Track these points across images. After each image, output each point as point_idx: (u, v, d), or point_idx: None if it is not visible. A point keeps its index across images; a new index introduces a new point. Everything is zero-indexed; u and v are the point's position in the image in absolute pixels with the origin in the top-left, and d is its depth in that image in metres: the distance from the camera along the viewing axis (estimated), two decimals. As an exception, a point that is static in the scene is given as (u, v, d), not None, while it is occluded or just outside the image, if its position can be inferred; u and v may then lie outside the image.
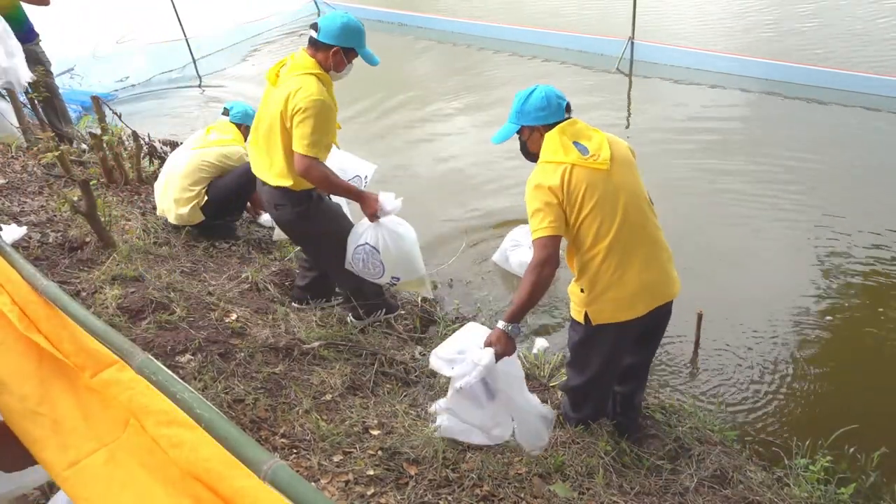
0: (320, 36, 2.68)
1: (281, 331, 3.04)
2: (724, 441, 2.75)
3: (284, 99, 2.62)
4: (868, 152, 5.21)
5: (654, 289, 2.31)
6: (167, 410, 0.87)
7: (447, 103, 6.81)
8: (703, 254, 4.16)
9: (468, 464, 2.38)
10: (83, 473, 0.89)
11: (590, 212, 2.19)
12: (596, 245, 2.22)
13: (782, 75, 6.43)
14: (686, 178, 5.02)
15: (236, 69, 8.53)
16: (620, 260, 2.24)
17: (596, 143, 2.27)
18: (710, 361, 3.34)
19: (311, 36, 2.72)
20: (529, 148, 2.36)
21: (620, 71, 7.15)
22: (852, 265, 3.91)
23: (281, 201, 2.90)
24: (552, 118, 2.28)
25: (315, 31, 2.70)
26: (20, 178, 4.15)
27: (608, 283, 2.26)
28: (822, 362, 3.29)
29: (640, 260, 2.27)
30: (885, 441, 2.70)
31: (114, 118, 4.93)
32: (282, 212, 2.95)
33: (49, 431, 0.96)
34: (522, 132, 2.34)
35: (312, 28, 2.72)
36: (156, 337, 2.71)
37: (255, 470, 0.75)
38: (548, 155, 2.24)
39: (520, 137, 2.36)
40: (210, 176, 3.82)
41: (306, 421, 2.48)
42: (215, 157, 3.81)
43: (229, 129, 3.97)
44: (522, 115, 2.30)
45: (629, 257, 2.25)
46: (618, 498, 2.32)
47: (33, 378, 1.04)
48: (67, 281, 3.04)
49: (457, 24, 9.07)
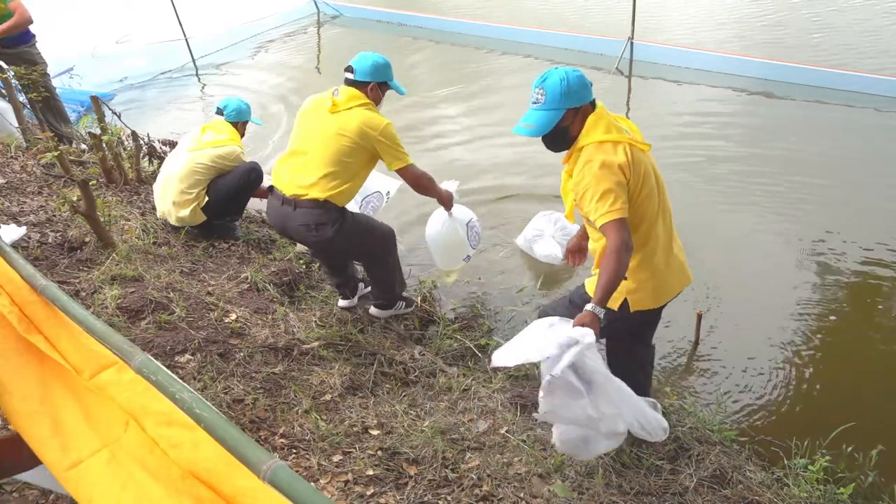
0: (357, 76, 2.97)
1: (280, 331, 3.04)
2: (724, 441, 2.75)
3: (356, 126, 2.88)
4: (868, 152, 5.21)
5: (683, 275, 2.40)
6: (167, 411, 0.88)
7: (447, 103, 6.81)
8: (702, 254, 4.16)
9: (468, 464, 2.39)
10: (85, 474, 0.90)
11: (647, 194, 2.17)
12: (650, 229, 2.21)
13: (782, 75, 6.44)
14: (685, 178, 5.02)
15: (236, 69, 8.53)
16: (665, 244, 2.28)
17: (626, 125, 2.25)
18: (710, 361, 3.34)
19: (347, 77, 3.00)
20: (572, 132, 2.18)
21: (620, 71, 7.16)
22: (852, 265, 3.91)
23: (321, 219, 2.93)
24: (591, 96, 2.19)
25: (351, 73, 2.99)
26: (19, 177, 4.15)
27: (656, 268, 2.26)
28: (821, 362, 3.29)
29: (676, 245, 2.38)
30: (883, 441, 2.70)
31: (113, 118, 4.94)
32: (322, 231, 2.95)
33: (50, 432, 0.96)
34: (566, 116, 2.15)
35: (348, 71, 3.00)
36: (155, 337, 2.71)
37: (255, 470, 0.76)
38: (600, 134, 2.12)
39: (559, 124, 2.15)
40: (206, 178, 3.80)
41: (306, 421, 2.48)
42: (210, 159, 3.78)
43: (224, 129, 3.91)
44: (568, 97, 2.12)
45: (670, 242, 2.32)
46: (617, 498, 2.33)
47: (34, 379, 1.04)
48: (67, 281, 3.04)
49: (456, 24, 9.07)
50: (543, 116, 2.14)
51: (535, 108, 2.16)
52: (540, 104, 2.15)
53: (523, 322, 3.69)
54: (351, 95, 2.95)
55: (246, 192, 3.97)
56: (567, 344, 1.98)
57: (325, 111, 2.94)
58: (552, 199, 4.67)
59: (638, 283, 2.26)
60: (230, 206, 3.98)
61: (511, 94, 6.89)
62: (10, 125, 4.91)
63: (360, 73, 2.96)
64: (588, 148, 2.12)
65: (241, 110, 3.99)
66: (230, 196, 3.88)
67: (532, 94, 2.17)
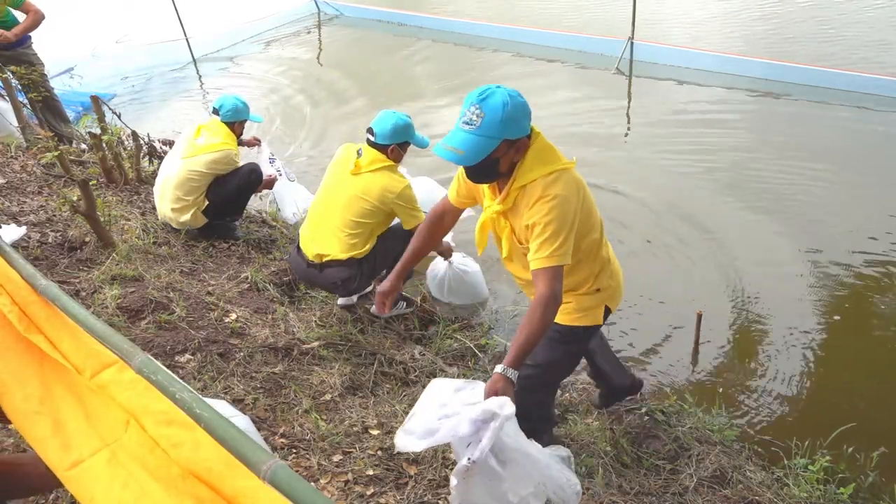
0: (377, 139, 3.02)
1: (280, 330, 3.04)
2: (724, 441, 2.75)
3: (377, 191, 2.99)
4: (870, 152, 5.21)
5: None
6: (167, 410, 0.88)
7: (447, 103, 6.81)
8: (701, 253, 4.17)
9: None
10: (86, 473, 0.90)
11: (593, 202, 2.09)
12: (601, 235, 2.17)
13: (782, 75, 6.44)
14: (685, 178, 5.02)
15: (237, 69, 8.53)
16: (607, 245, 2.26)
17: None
18: (710, 361, 3.34)
19: (368, 138, 3.06)
20: (501, 167, 1.90)
21: (620, 71, 7.15)
22: (853, 264, 3.91)
23: (346, 275, 3.09)
24: (529, 128, 1.92)
25: (372, 136, 3.03)
26: (19, 177, 4.15)
27: (615, 269, 2.26)
28: (821, 362, 3.29)
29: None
30: (884, 441, 2.70)
31: (113, 118, 4.94)
32: (348, 284, 3.15)
33: (51, 431, 0.96)
34: (500, 147, 1.85)
35: (369, 132, 3.05)
36: (155, 337, 2.71)
37: (255, 470, 0.76)
38: (554, 162, 1.92)
39: (491, 155, 1.86)
40: (203, 184, 3.76)
41: (306, 421, 2.48)
42: (205, 166, 3.72)
43: (219, 131, 3.81)
44: (507, 127, 1.83)
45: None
46: (617, 498, 2.33)
47: (35, 378, 1.04)
48: (67, 281, 3.04)
49: (456, 24, 9.07)
50: (476, 143, 1.82)
51: (467, 129, 1.83)
52: (474, 127, 1.82)
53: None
54: (373, 158, 3.02)
55: (246, 192, 3.96)
56: (483, 419, 1.68)
57: (349, 171, 3.04)
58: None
59: (609, 288, 2.24)
60: (230, 206, 3.97)
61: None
62: (10, 125, 4.91)
63: (381, 136, 3.02)
64: (538, 183, 1.88)
65: (237, 109, 3.86)
66: (230, 198, 3.88)
67: (465, 112, 1.84)
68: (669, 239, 4.32)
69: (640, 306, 3.73)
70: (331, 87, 7.52)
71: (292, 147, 6.14)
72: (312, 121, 6.68)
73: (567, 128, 5.93)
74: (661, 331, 3.55)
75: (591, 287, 2.18)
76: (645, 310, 3.70)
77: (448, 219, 2.32)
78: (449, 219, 2.32)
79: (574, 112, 6.32)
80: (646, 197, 4.81)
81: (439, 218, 2.32)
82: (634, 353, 3.44)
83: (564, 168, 1.91)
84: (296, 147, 6.11)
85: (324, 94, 7.36)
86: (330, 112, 6.87)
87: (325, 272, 3.11)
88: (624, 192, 4.86)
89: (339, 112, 6.82)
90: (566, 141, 5.63)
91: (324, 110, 6.93)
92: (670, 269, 4.06)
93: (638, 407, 2.88)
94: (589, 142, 5.64)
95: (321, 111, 6.92)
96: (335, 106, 7.01)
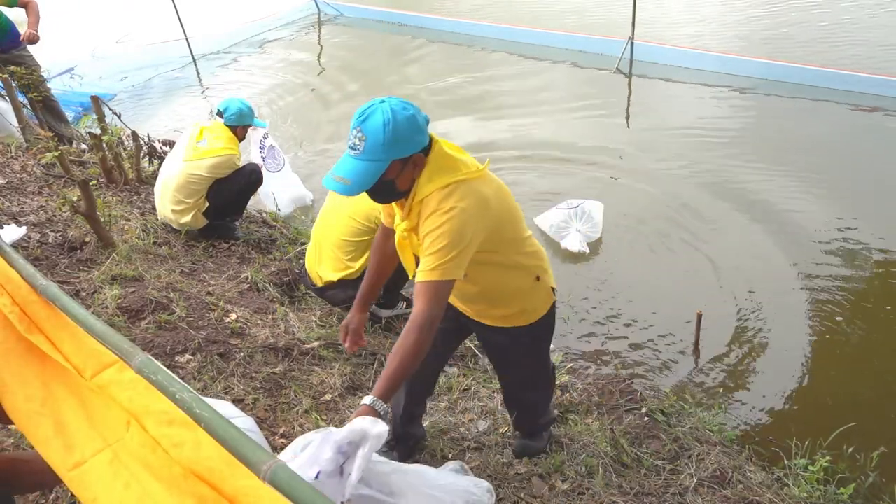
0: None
1: (280, 331, 3.04)
2: (724, 441, 2.75)
3: (365, 211, 3.04)
4: (870, 152, 5.21)
5: None
6: (167, 410, 0.88)
7: (447, 103, 6.81)
8: (701, 253, 4.17)
9: (467, 464, 2.38)
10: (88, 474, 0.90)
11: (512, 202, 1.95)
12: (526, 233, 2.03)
13: (782, 75, 6.44)
14: (684, 178, 5.02)
15: (237, 69, 8.53)
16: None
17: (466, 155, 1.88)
18: (710, 361, 3.34)
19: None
20: (399, 186, 1.75)
21: (620, 71, 7.15)
22: (854, 264, 3.91)
23: (347, 294, 3.10)
24: (424, 140, 1.73)
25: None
26: (19, 177, 4.15)
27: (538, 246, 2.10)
28: (821, 362, 3.29)
29: None
30: (884, 441, 2.70)
31: (113, 118, 4.94)
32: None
33: (53, 432, 0.97)
34: (391, 169, 1.69)
35: None
36: (155, 337, 2.71)
37: (255, 470, 0.76)
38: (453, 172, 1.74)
39: (382, 178, 1.69)
40: (203, 188, 3.76)
41: (306, 421, 2.48)
42: (206, 170, 3.72)
43: (222, 135, 3.79)
44: (393, 147, 1.66)
45: None
46: (617, 498, 2.33)
47: (36, 379, 1.04)
48: (67, 281, 3.04)
49: (456, 24, 9.07)
50: (362, 169, 1.67)
51: (352, 155, 1.68)
52: (358, 152, 1.67)
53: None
54: None
55: (247, 193, 3.96)
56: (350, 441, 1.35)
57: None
58: (549, 204, 4.66)
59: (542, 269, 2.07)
60: (230, 206, 3.97)
61: (511, 95, 6.89)
62: (10, 125, 4.91)
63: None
64: (433, 196, 1.72)
65: (242, 114, 3.85)
66: (231, 199, 3.88)
67: (350, 137, 1.70)
68: (670, 239, 4.32)
69: (640, 307, 3.73)
70: (331, 87, 7.51)
71: (293, 147, 6.13)
72: (312, 121, 6.68)
73: (567, 128, 5.93)
74: (662, 331, 3.55)
75: (531, 284, 2.05)
76: (645, 310, 3.70)
77: (392, 241, 2.03)
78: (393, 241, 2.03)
79: (574, 112, 6.32)
80: (645, 197, 4.81)
81: (384, 241, 2.14)
82: (634, 353, 3.44)
83: (463, 179, 1.73)
84: (296, 147, 6.11)
85: (324, 94, 7.36)
86: (330, 112, 6.87)
87: (326, 294, 3.29)
88: (623, 192, 4.86)
89: (339, 112, 6.82)
90: (566, 141, 5.64)
91: (324, 110, 6.93)
92: (670, 269, 4.06)
93: (638, 407, 2.88)
94: (588, 142, 5.63)
95: (321, 111, 6.91)
96: (335, 106, 7.01)
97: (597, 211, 4.32)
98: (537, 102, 6.61)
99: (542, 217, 4.45)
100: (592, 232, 4.27)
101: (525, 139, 5.76)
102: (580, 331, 3.62)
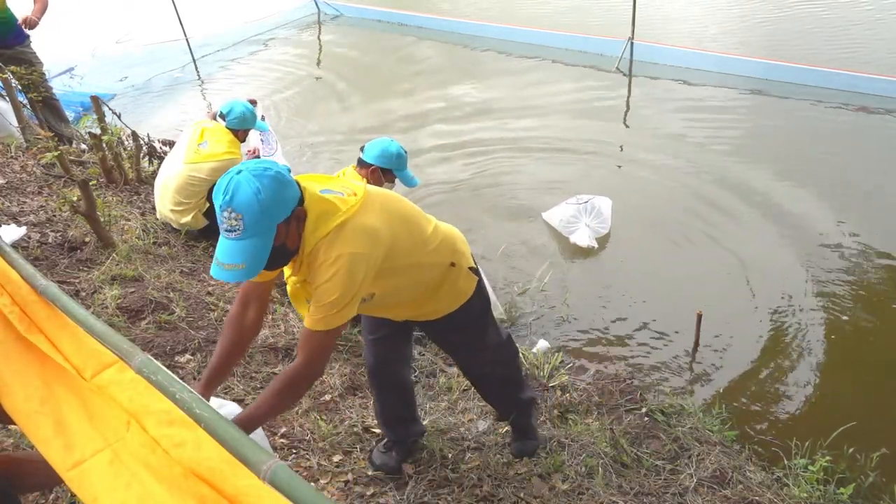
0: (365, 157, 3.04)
1: (280, 331, 3.04)
2: (724, 441, 2.75)
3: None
4: (870, 152, 5.21)
5: None
6: (168, 410, 0.88)
7: (447, 103, 6.81)
8: (701, 253, 4.17)
9: (468, 464, 2.39)
10: (88, 473, 0.90)
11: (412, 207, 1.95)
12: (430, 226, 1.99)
13: (782, 75, 6.44)
14: (684, 178, 5.02)
15: (237, 69, 8.53)
16: None
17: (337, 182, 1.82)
18: (710, 361, 3.34)
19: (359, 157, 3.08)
20: (290, 245, 1.65)
21: (620, 71, 7.15)
22: (854, 265, 3.91)
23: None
24: (297, 192, 1.62)
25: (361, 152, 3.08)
26: (19, 177, 4.15)
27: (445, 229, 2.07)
28: (821, 362, 3.29)
29: None
30: (884, 441, 2.70)
31: (113, 118, 4.94)
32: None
33: (53, 432, 0.97)
34: (278, 234, 1.59)
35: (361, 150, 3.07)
36: (155, 337, 2.71)
37: (255, 470, 0.76)
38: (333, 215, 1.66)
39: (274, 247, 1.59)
40: (204, 190, 3.75)
41: (306, 421, 2.48)
42: (207, 173, 3.70)
43: (223, 138, 3.77)
44: (274, 212, 1.56)
45: None
46: (617, 498, 2.33)
47: (37, 379, 1.04)
48: (67, 281, 3.04)
49: (456, 24, 9.07)
50: (251, 248, 1.55)
51: (232, 238, 1.56)
52: (239, 233, 1.55)
53: (527, 323, 3.70)
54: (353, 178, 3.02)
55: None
56: None
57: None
58: (554, 199, 4.67)
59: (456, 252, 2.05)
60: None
61: (511, 95, 6.89)
62: (10, 125, 4.91)
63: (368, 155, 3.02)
64: (319, 247, 1.64)
65: (244, 118, 3.82)
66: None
67: (221, 219, 1.56)
68: (671, 238, 4.33)
69: (640, 307, 3.73)
70: (331, 87, 7.51)
71: (292, 148, 6.13)
72: (312, 121, 6.67)
73: (566, 128, 5.93)
74: (661, 331, 3.55)
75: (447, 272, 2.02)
76: (644, 310, 3.70)
77: (254, 307, 1.85)
78: (255, 306, 1.86)
79: (574, 112, 6.32)
80: (645, 197, 4.81)
81: (242, 313, 1.85)
82: (634, 353, 3.44)
83: (344, 220, 1.65)
84: (296, 148, 6.11)
85: (323, 94, 7.36)
86: (330, 112, 6.87)
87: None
88: (623, 193, 4.86)
89: (339, 112, 6.82)
90: (566, 141, 5.64)
91: (324, 110, 6.93)
92: (670, 269, 4.06)
93: (638, 407, 2.88)
94: (588, 142, 5.64)
95: (321, 111, 6.91)
96: (335, 106, 7.01)
97: (605, 206, 4.38)
98: (536, 103, 6.61)
99: (551, 212, 4.49)
100: (601, 227, 4.32)
101: (524, 139, 5.76)
102: (582, 326, 3.64)
